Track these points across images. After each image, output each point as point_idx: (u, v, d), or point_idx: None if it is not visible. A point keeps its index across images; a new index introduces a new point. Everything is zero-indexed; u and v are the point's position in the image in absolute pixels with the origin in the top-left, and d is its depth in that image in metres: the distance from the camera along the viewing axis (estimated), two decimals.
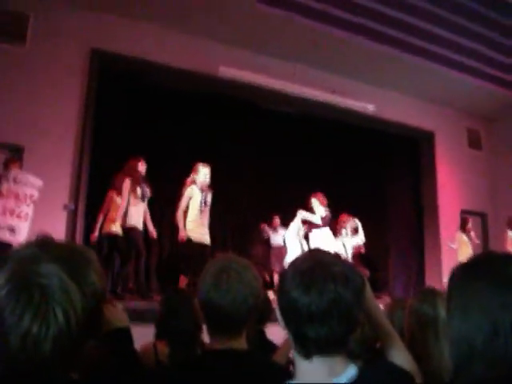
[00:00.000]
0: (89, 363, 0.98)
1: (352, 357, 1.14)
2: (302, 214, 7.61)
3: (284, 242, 8.25)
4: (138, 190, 5.94)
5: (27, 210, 5.51)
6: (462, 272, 1.11)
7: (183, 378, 1.43)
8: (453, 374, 1.05)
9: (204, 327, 1.72)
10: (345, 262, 1.14)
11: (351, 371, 1.06)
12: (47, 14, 6.66)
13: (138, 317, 4.38)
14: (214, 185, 6.47)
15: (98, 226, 6.75)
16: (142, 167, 6.07)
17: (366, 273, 8.13)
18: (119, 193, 6.54)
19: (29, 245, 0.93)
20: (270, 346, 2.36)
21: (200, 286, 1.52)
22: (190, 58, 7.50)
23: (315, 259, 1.10)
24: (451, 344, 1.07)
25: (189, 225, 6.09)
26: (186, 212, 6.15)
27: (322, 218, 7.41)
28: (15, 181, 5.45)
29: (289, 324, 1.10)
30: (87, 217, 6.72)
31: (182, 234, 6.05)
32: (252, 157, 9.39)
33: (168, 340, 2.26)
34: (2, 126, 6.13)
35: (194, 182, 6.22)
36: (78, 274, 0.90)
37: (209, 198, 6.23)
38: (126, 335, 1.35)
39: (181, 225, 6.10)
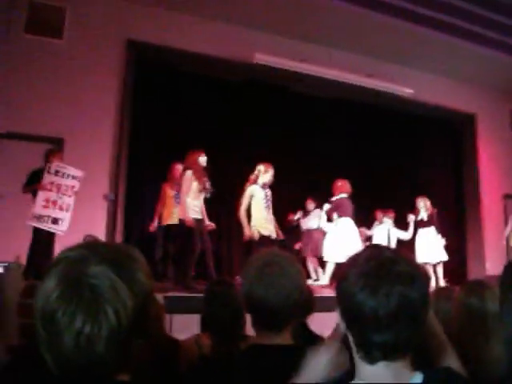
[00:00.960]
0: (138, 364, 0.98)
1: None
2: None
3: (318, 225, 8.12)
4: (198, 183, 5.90)
5: (69, 201, 5.64)
6: None
7: (228, 373, 1.43)
8: (506, 372, 1.01)
9: (247, 320, 1.70)
10: (408, 259, 1.08)
11: (417, 379, 1.02)
12: (83, 6, 6.75)
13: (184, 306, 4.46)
14: (248, 171, 6.43)
15: (156, 217, 6.96)
16: (202, 160, 5.98)
17: None
18: (173, 186, 6.70)
19: (77, 247, 0.94)
20: (315, 339, 2.34)
21: (243, 280, 1.51)
22: (225, 46, 7.50)
23: (378, 258, 1.04)
24: (506, 343, 1.02)
25: (256, 221, 6.08)
26: (248, 210, 6.16)
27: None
28: (57, 173, 5.57)
29: (352, 328, 1.05)
30: (127, 207, 6.83)
31: (247, 232, 6.05)
32: (291, 142, 9.32)
33: (210, 332, 2.27)
34: (42, 119, 6.28)
35: (255, 182, 6.24)
36: (127, 274, 0.91)
37: (269, 194, 6.27)
38: None
39: (245, 222, 6.09)
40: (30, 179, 5.52)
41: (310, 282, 7.81)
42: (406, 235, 8.14)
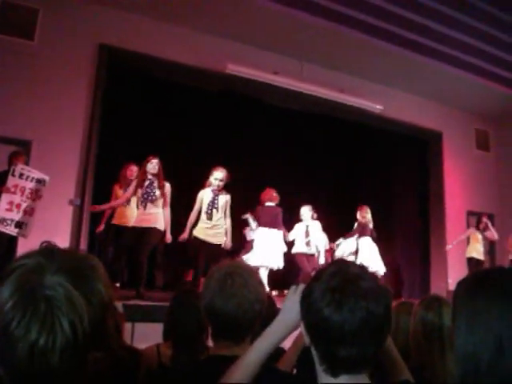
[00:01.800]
0: (94, 377, 0.97)
1: None
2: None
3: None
4: (139, 192, 5.85)
5: (33, 205, 5.52)
6: (468, 286, 1.09)
7: (184, 382, 1.43)
8: None
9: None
10: (371, 274, 1.10)
11: None
12: (56, 8, 6.67)
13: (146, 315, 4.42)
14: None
15: (105, 218, 6.93)
16: (150, 166, 5.87)
17: None
18: (122, 185, 6.74)
19: (33, 254, 0.92)
20: (276, 350, 2.34)
21: (204, 292, 1.51)
22: (198, 55, 7.51)
23: (343, 274, 1.06)
24: (457, 360, 1.05)
25: (197, 225, 6.11)
26: (200, 214, 6.17)
27: None
28: (21, 176, 5.46)
29: (317, 342, 1.06)
30: (93, 212, 6.74)
31: (183, 235, 6.10)
32: (262, 153, 9.38)
33: (172, 341, 2.25)
34: (10, 121, 6.16)
35: (209, 185, 6.23)
36: (84, 284, 0.89)
37: (220, 201, 6.15)
38: None
39: (187, 225, 6.13)
40: None
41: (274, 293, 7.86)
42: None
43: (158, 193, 5.81)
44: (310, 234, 7.74)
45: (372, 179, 10.06)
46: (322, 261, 7.77)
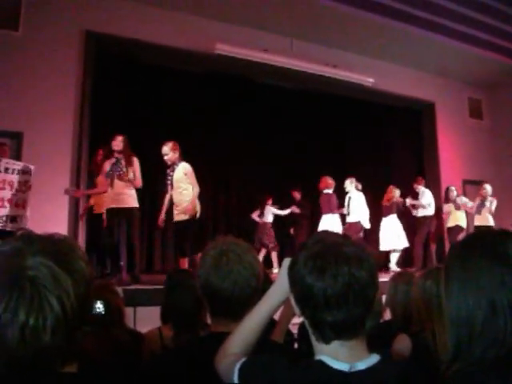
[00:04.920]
0: (85, 351, 0.98)
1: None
2: None
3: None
4: (107, 170, 5.73)
5: (24, 196, 5.48)
6: (460, 250, 1.09)
7: (187, 361, 1.43)
8: (452, 356, 1.04)
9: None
10: (355, 242, 1.12)
11: (372, 359, 1.05)
12: None
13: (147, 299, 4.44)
14: (211, 163, 6.37)
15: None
16: (114, 143, 5.74)
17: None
18: (95, 172, 6.52)
19: (10, 240, 0.92)
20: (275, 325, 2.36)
21: (199, 270, 1.51)
22: (186, 37, 7.43)
23: (326, 241, 1.08)
24: (450, 325, 1.05)
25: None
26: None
27: None
28: (7, 170, 5.40)
29: (305, 310, 1.08)
30: (89, 200, 6.73)
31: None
32: (252, 133, 9.36)
33: (172, 323, 2.27)
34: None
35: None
36: (65, 262, 0.90)
37: (174, 175, 5.96)
38: None
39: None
40: None
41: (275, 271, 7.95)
42: None
43: (125, 169, 5.68)
44: (351, 205, 8.13)
45: (366, 153, 10.05)
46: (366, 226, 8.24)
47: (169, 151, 5.91)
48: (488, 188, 8.53)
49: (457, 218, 8.58)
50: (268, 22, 7.81)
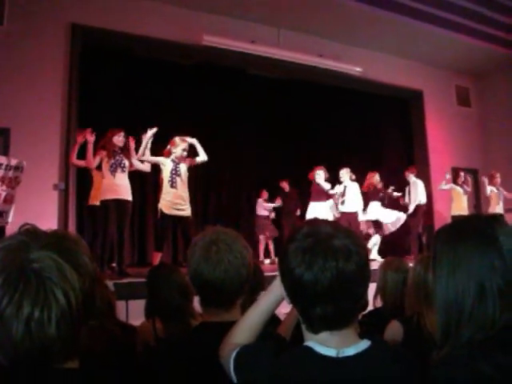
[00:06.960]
0: (89, 349, 0.98)
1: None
2: None
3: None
4: (111, 162, 5.69)
5: (12, 192, 5.43)
6: (448, 234, 1.10)
7: (180, 353, 1.44)
8: (440, 339, 1.05)
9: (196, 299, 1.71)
10: (347, 232, 1.09)
11: (362, 345, 1.05)
12: None
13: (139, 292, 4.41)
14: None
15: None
16: (117, 139, 5.73)
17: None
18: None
19: (15, 235, 0.92)
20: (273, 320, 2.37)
21: (189, 260, 1.50)
22: (173, 29, 7.40)
23: (315, 233, 1.06)
24: (438, 308, 1.06)
25: (161, 198, 5.81)
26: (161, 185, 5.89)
27: None
28: None
29: (295, 301, 1.08)
30: (79, 195, 6.69)
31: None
32: (240, 124, 9.34)
33: (159, 316, 2.27)
34: None
35: (169, 154, 5.95)
36: (70, 256, 0.90)
37: (182, 169, 5.86)
38: None
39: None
40: None
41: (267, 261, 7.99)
42: None
43: (127, 163, 5.72)
44: (346, 194, 8.11)
45: (355, 142, 10.06)
46: (361, 218, 8.29)
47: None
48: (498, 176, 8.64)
49: (461, 207, 8.53)
50: (255, 12, 7.78)
